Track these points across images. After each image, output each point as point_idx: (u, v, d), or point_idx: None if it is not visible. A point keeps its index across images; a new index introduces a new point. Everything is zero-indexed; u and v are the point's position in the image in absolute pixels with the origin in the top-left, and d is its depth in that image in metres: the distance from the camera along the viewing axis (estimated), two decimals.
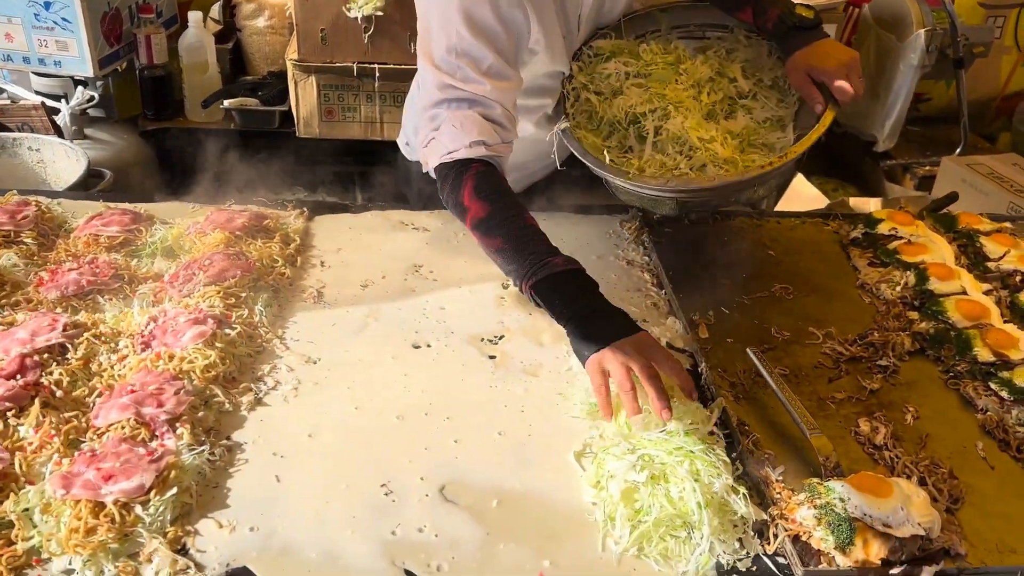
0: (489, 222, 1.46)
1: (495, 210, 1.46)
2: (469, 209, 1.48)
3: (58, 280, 1.56)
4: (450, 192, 1.52)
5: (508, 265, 1.45)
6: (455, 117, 1.51)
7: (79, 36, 2.67)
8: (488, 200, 1.47)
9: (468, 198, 1.48)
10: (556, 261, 1.40)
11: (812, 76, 1.63)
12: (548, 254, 1.41)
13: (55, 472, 1.18)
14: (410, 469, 1.27)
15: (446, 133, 1.51)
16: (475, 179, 1.48)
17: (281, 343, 1.53)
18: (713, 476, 1.14)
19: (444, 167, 1.53)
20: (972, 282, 1.68)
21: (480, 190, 1.47)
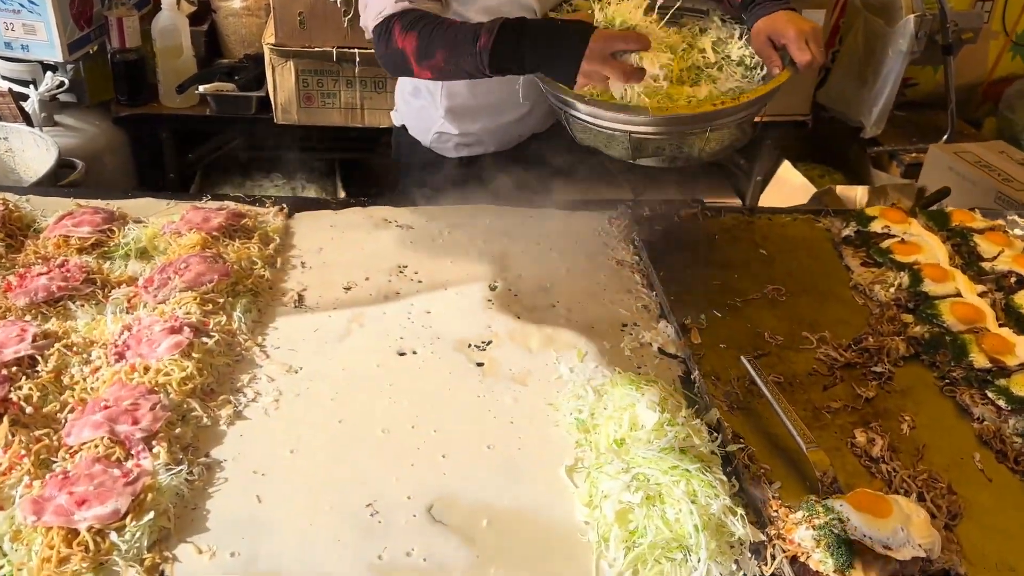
0: (423, 46, 1.54)
1: (422, 33, 1.54)
2: (404, 48, 1.56)
3: (27, 285, 1.50)
4: (385, 47, 1.61)
5: (462, 63, 1.51)
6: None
7: (47, 19, 2.57)
8: (413, 27, 1.55)
9: (399, 37, 1.56)
10: (482, 42, 1.47)
11: (773, 40, 1.65)
12: (475, 36, 1.48)
13: (25, 496, 1.13)
14: (396, 487, 1.23)
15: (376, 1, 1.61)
16: (400, 20, 1.57)
17: (261, 351, 1.47)
18: (710, 497, 1.11)
19: (377, 28, 1.61)
20: (966, 283, 1.65)
21: (406, 26, 1.56)
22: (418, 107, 2.05)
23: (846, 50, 3.49)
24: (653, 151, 1.68)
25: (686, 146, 1.64)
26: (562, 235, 1.87)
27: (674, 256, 1.79)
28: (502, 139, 2.06)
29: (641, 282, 1.74)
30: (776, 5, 1.67)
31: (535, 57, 1.49)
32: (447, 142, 2.04)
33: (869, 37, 3.31)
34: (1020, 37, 3.80)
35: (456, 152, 2.06)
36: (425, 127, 2.05)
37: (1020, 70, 3.87)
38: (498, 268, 1.75)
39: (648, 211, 1.95)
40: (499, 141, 2.06)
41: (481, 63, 1.49)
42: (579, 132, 1.69)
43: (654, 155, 1.70)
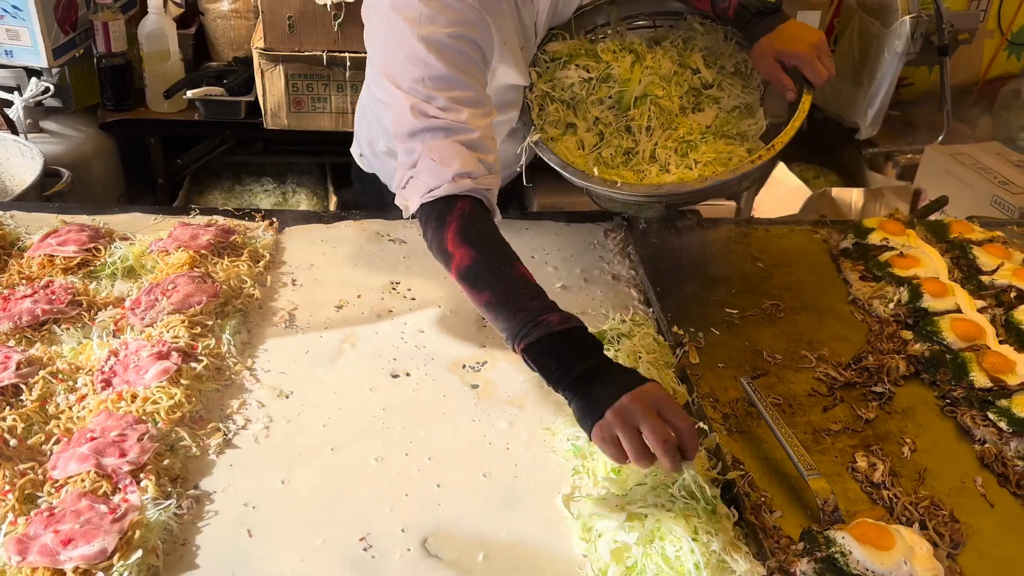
0: (476, 272, 1.29)
1: (482, 257, 1.30)
2: (454, 256, 1.31)
3: (11, 309, 1.46)
4: (433, 236, 1.35)
5: (498, 323, 1.27)
6: (433, 149, 1.36)
7: (31, 24, 2.52)
8: (474, 246, 1.30)
9: (452, 243, 1.31)
10: (551, 319, 1.21)
11: (782, 61, 1.58)
12: (542, 311, 1.23)
13: (10, 534, 1.10)
14: (391, 519, 1.21)
15: (425, 169, 1.36)
16: (460, 220, 1.32)
17: (251, 375, 1.45)
18: (711, 534, 1.09)
19: (427, 207, 1.36)
20: (966, 299, 1.63)
21: (465, 234, 1.31)
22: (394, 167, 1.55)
23: (841, 51, 3.46)
24: (687, 204, 1.75)
25: (719, 193, 1.67)
26: (558, 248, 1.85)
27: (671, 270, 1.76)
28: None
29: (638, 297, 1.71)
30: (774, 19, 1.60)
31: (572, 378, 1.19)
32: None
33: (864, 38, 3.29)
34: (1015, 36, 3.78)
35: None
36: (388, 176, 1.88)
37: (1015, 69, 3.86)
38: None
39: (644, 223, 1.92)
40: None
41: (517, 339, 1.23)
42: (605, 204, 1.75)
43: (687, 206, 1.78)
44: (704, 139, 1.67)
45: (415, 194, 1.37)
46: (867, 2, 3.29)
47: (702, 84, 1.71)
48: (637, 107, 1.69)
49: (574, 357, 1.19)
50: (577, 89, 1.70)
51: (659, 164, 1.66)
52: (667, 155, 1.66)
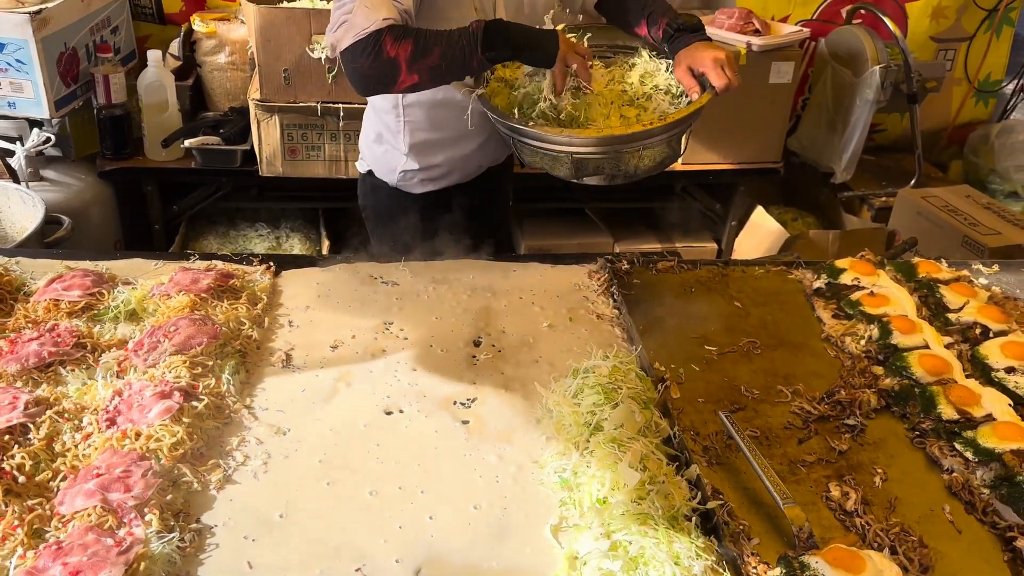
0: (418, 48, 1.64)
1: (416, 38, 1.65)
2: (397, 56, 1.64)
3: (18, 351, 1.52)
4: (373, 58, 1.65)
5: (455, 62, 1.66)
6: (367, 0, 1.66)
7: (34, 78, 2.61)
8: (406, 37, 1.65)
9: (391, 47, 1.64)
10: (474, 26, 1.65)
11: (692, 69, 1.82)
12: (466, 28, 1.65)
13: (20, 568, 1.14)
14: (385, 550, 1.26)
15: (360, 14, 1.66)
16: (390, 33, 1.64)
17: (249, 413, 1.50)
18: (692, 559, 1.15)
19: (360, 43, 1.66)
20: (934, 335, 1.71)
21: (397, 36, 1.65)
22: (381, 152, 2.15)
23: (815, 99, 3.60)
24: (594, 170, 1.81)
25: (623, 164, 1.79)
26: (544, 290, 1.92)
27: (652, 309, 1.84)
28: (464, 169, 2.17)
29: (621, 336, 1.78)
30: (693, 37, 1.85)
31: (521, 41, 1.70)
32: (412, 179, 2.13)
33: (837, 87, 3.43)
34: (982, 84, 3.94)
35: (422, 187, 2.15)
36: (390, 168, 2.14)
37: (983, 115, 4.02)
38: (482, 323, 1.79)
39: (627, 264, 2.01)
40: (462, 172, 2.16)
41: (475, 46, 1.64)
42: (527, 155, 1.83)
43: (595, 174, 1.84)
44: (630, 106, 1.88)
45: (348, 33, 1.66)
46: (839, 53, 3.43)
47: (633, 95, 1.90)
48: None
49: (506, 33, 1.67)
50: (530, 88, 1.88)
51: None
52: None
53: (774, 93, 3.22)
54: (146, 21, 3.29)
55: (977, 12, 3.73)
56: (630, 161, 1.78)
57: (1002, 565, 1.29)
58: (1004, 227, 2.90)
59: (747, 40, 3.13)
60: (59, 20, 2.65)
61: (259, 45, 2.69)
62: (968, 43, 3.80)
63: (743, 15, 3.21)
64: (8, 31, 2.54)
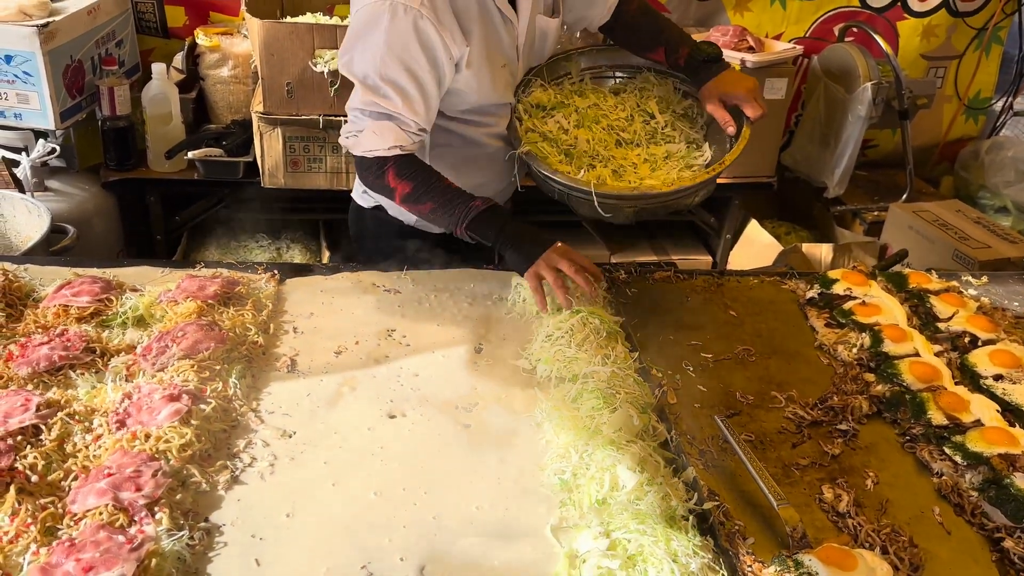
0: (415, 194, 1.79)
1: (417, 184, 1.79)
2: (395, 189, 1.80)
3: (29, 355, 1.55)
4: (375, 179, 1.83)
5: (441, 220, 1.81)
6: (375, 126, 1.78)
7: (40, 89, 2.65)
8: (410, 178, 1.79)
9: (392, 180, 1.79)
10: (476, 204, 1.77)
11: (724, 101, 1.90)
12: (470, 199, 1.78)
13: (33, 564, 1.17)
14: (390, 548, 1.29)
15: (367, 137, 1.79)
16: (395, 166, 1.79)
17: (256, 416, 1.53)
18: (690, 557, 1.18)
19: (366, 161, 1.82)
20: (924, 344, 1.75)
21: (401, 172, 1.79)
22: None
23: (808, 115, 3.66)
24: (650, 215, 1.97)
25: (680, 205, 1.94)
26: None
27: (649, 318, 1.88)
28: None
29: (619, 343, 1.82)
30: (717, 67, 1.90)
31: (507, 242, 1.79)
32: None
33: (830, 103, 3.49)
34: (972, 101, 4.01)
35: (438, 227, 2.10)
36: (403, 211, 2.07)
37: (973, 132, 4.08)
38: (483, 330, 1.83)
39: (624, 274, 2.05)
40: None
41: (462, 220, 1.77)
42: (583, 209, 1.90)
43: (651, 216, 2.00)
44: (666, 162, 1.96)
45: (358, 147, 1.81)
46: (831, 69, 3.50)
47: (657, 127, 1.99)
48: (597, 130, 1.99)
49: (499, 224, 1.78)
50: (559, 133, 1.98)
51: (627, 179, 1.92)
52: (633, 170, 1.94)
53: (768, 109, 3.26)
54: (150, 35, 3.34)
55: (967, 31, 3.80)
56: (687, 202, 1.91)
57: (990, 565, 1.33)
58: (994, 241, 2.95)
59: (741, 57, 3.19)
60: (66, 33, 2.69)
61: (263, 59, 2.74)
62: (958, 61, 3.87)
63: (737, 33, 3.27)
64: (16, 43, 2.58)
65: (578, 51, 2.14)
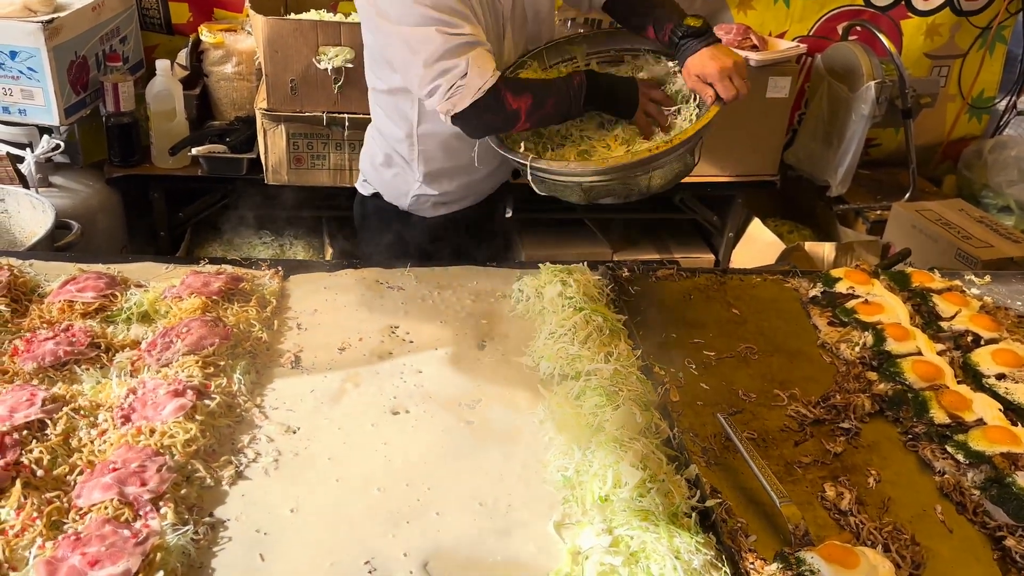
0: (537, 101, 1.82)
1: (533, 91, 1.84)
2: (519, 108, 1.81)
3: (34, 350, 1.56)
4: (495, 114, 1.81)
5: (563, 111, 1.88)
6: (474, 58, 1.76)
7: (45, 85, 2.66)
8: (524, 89, 1.83)
9: (513, 100, 1.80)
10: (575, 82, 1.85)
11: (702, 79, 1.84)
12: (569, 81, 1.86)
13: (39, 557, 1.18)
14: (393, 544, 1.29)
15: (473, 73, 1.76)
16: (507, 88, 1.80)
17: (260, 412, 1.54)
18: (692, 554, 1.19)
19: (481, 101, 1.78)
20: (927, 343, 1.76)
21: (515, 90, 1.82)
22: (391, 175, 2.17)
23: (811, 114, 3.66)
24: (605, 194, 1.87)
25: (633, 186, 1.84)
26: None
27: (653, 316, 1.88)
28: (476, 194, 2.23)
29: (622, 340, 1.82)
30: (699, 43, 1.84)
31: (610, 93, 1.89)
32: (425, 203, 2.17)
33: (833, 102, 3.49)
34: (975, 101, 4.01)
35: (434, 211, 2.19)
36: (402, 192, 2.17)
37: (976, 131, 4.08)
38: (485, 328, 1.84)
39: (627, 272, 2.05)
40: (474, 196, 2.23)
41: (579, 99, 1.85)
42: (537, 185, 1.89)
43: (607, 197, 1.89)
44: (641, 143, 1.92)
45: (467, 96, 1.77)
46: (835, 68, 3.49)
47: None
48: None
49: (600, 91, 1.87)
50: None
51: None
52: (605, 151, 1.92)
53: (771, 107, 3.27)
54: (154, 31, 3.34)
55: (971, 30, 3.80)
56: (641, 183, 1.84)
57: (992, 563, 1.33)
58: (996, 240, 2.95)
59: (745, 55, 3.18)
60: (70, 29, 2.70)
61: (267, 55, 2.74)
62: (962, 60, 3.87)
63: (741, 31, 3.27)
64: (21, 39, 2.58)
65: (582, 36, 2.12)
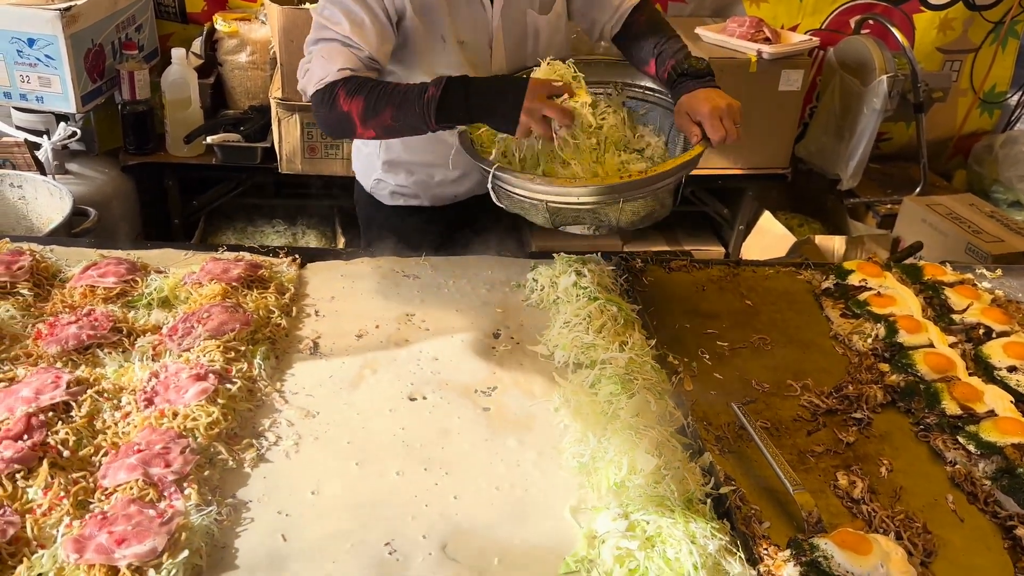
0: (370, 106, 1.65)
1: (368, 94, 1.66)
2: (350, 112, 1.66)
3: (57, 334, 1.58)
4: (328, 111, 1.69)
5: (409, 124, 1.66)
6: (324, 50, 1.72)
7: (62, 73, 2.68)
8: (359, 92, 1.67)
9: (344, 102, 1.67)
10: (431, 92, 1.61)
11: (691, 117, 1.75)
12: (423, 90, 1.62)
13: (67, 535, 1.20)
14: (413, 526, 1.32)
15: (317, 64, 1.72)
16: (344, 86, 1.68)
17: (280, 397, 1.56)
18: (708, 538, 1.20)
19: (318, 93, 1.71)
20: (939, 335, 1.77)
21: (351, 91, 1.67)
22: (366, 154, 2.19)
23: (823, 107, 3.66)
24: (572, 220, 1.71)
25: (602, 216, 1.68)
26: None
27: (666, 306, 1.90)
28: (434, 197, 2.16)
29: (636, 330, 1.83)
30: (697, 83, 1.77)
31: (480, 105, 1.63)
32: (384, 189, 2.17)
33: (845, 95, 3.49)
34: (987, 95, 4.00)
35: (392, 200, 2.18)
36: (367, 173, 2.19)
37: (988, 126, 4.07)
38: (500, 316, 1.85)
39: (640, 262, 2.06)
40: (432, 198, 2.16)
41: (428, 115, 1.61)
42: (503, 199, 1.73)
43: (574, 223, 1.73)
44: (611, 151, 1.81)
45: (310, 82, 1.73)
46: (847, 62, 3.50)
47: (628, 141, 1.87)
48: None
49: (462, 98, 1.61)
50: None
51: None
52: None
53: (783, 100, 3.28)
54: (169, 20, 3.36)
55: (983, 24, 3.79)
56: (610, 214, 1.66)
57: (1003, 552, 1.35)
58: (1007, 235, 2.95)
59: (758, 48, 3.19)
60: (87, 17, 2.72)
61: (282, 45, 2.76)
62: (974, 54, 3.86)
63: (754, 24, 3.27)
64: (38, 27, 2.60)
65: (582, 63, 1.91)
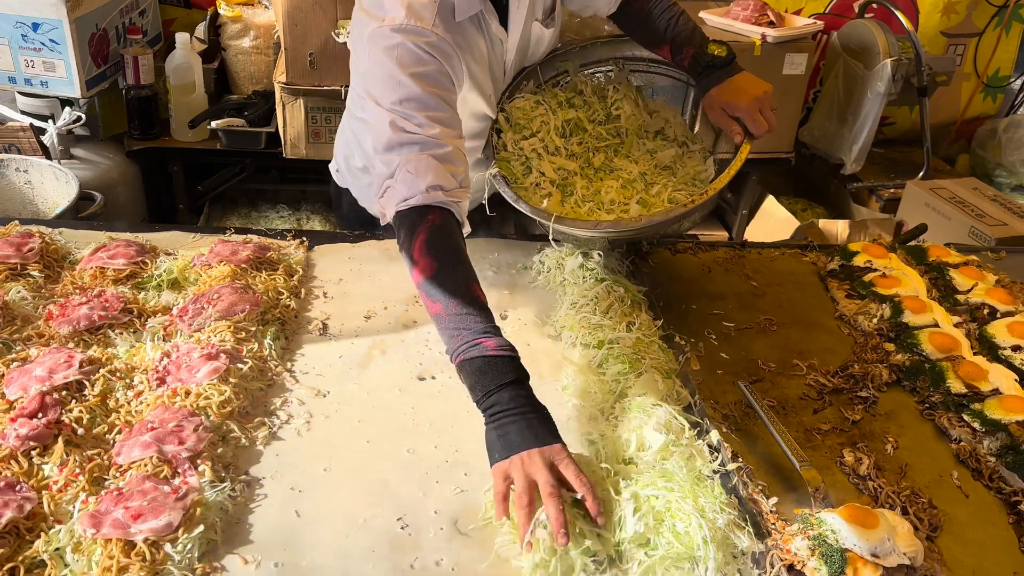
0: (433, 283, 1.39)
1: (442, 271, 1.40)
2: (418, 263, 1.42)
3: (69, 314, 1.59)
4: (404, 242, 1.47)
5: (443, 334, 1.39)
6: (410, 162, 1.48)
7: (67, 57, 2.68)
8: (437, 258, 1.41)
9: (418, 252, 1.42)
10: (487, 343, 1.32)
11: (727, 112, 1.70)
12: (482, 333, 1.34)
13: (83, 511, 1.22)
14: (424, 502, 1.33)
15: (401, 180, 1.48)
16: (428, 231, 1.43)
17: (291, 376, 1.57)
18: (717, 512, 1.22)
19: (401, 215, 1.47)
20: (943, 315, 1.78)
21: (432, 245, 1.42)
22: (366, 183, 2.01)
23: (827, 91, 3.66)
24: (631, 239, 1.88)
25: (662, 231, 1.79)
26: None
27: (672, 287, 1.91)
28: None
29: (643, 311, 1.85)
30: (724, 71, 1.71)
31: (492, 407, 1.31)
32: None
33: (848, 79, 3.49)
34: (991, 80, 4.00)
35: None
36: (372, 203, 1.93)
37: (991, 110, 4.07)
38: (507, 298, 1.86)
39: (646, 245, 2.07)
40: None
41: (459, 350, 1.35)
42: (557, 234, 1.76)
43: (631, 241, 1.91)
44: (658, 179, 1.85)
45: (391, 202, 1.50)
46: (851, 46, 3.49)
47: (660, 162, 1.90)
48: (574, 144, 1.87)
49: (497, 386, 1.30)
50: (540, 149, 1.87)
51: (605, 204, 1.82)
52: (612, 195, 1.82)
53: (787, 84, 3.28)
54: (172, 4, 3.35)
55: (987, 8, 3.79)
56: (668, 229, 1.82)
57: (1007, 526, 1.36)
58: (1010, 219, 2.96)
59: (762, 31, 3.19)
60: (91, 2, 2.71)
61: (286, 29, 2.76)
62: (978, 38, 3.86)
63: (758, 7, 3.27)
64: (43, 11, 2.60)
65: (577, 47, 1.99)
